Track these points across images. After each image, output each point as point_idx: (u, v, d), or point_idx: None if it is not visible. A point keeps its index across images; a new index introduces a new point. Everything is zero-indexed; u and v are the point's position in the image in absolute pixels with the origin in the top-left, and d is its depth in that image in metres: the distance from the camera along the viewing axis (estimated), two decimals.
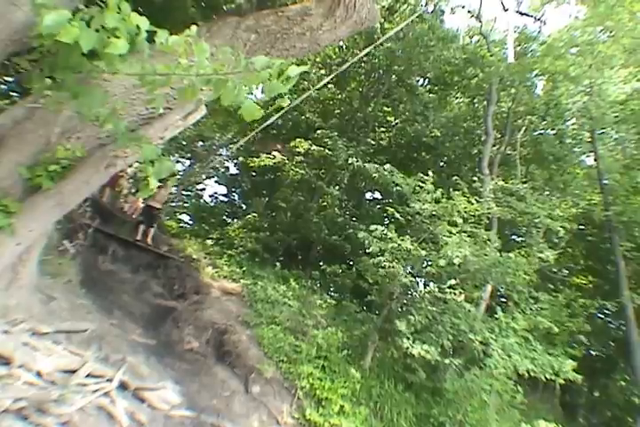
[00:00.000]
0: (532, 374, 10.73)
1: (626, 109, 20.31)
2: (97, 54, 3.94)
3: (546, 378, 10.97)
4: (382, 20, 18.62)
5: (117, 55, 3.87)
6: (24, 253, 6.47)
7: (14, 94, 12.50)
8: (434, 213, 12.22)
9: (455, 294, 11.27)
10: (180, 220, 26.09)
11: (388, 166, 13.52)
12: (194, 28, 4.00)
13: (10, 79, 12.54)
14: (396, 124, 24.15)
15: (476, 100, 24.10)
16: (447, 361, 10.47)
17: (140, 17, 3.83)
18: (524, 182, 16.18)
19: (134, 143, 5.36)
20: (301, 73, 3.87)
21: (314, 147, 18.79)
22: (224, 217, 24.85)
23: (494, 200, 14.50)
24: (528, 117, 21.92)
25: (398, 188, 13.11)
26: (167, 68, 4.01)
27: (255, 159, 20.57)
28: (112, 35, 3.73)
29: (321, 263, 16.42)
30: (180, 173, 26.30)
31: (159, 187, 8.40)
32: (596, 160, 21.17)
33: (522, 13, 22.53)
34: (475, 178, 15.69)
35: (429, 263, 12.05)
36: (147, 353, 8.55)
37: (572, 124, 22.76)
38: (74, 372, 5.85)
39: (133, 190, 16.13)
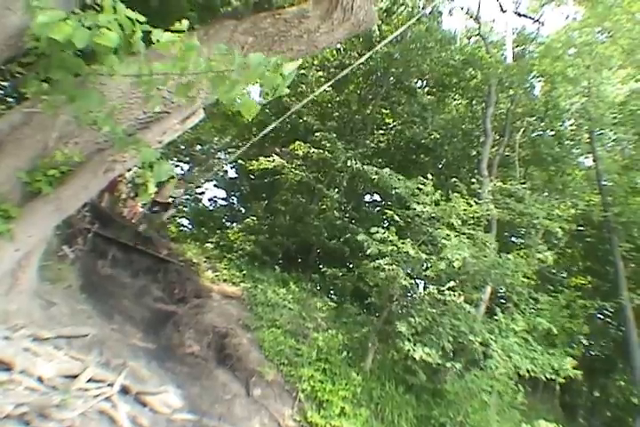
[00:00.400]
0: (533, 374, 10.74)
1: (624, 110, 20.34)
2: (94, 57, 3.94)
3: (546, 378, 10.98)
4: (380, 22, 18.62)
5: (114, 55, 3.87)
6: (23, 258, 6.47)
7: (10, 100, 12.48)
8: (433, 215, 12.22)
9: (455, 295, 11.25)
10: (179, 224, 26.05)
11: (386, 170, 13.51)
12: (184, 22, 3.95)
13: (5, 84, 12.52)
14: (395, 126, 24.14)
15: (474, 102, 24.09)
16: (449, 364, 10.46)
17: (135, 13, 3.82)
18: (523, 184, 16.19)
19: (132, 147, 5.36)
20: (299, 76, 3.89)
21: (313, 149, 18.78)
22: (223, 221, 24.81)
23: (493, 202, 14.50)
24: (527, 119, 21.94)
25: (397, 190, 13.09)
26: (164, 67, 4.00)
27: (254, 163, 20.52)
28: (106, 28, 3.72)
29: (321, 266, 16.39)
30: (179, 177, 26.28)
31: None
32: (594, 161, 21.20)
33: (520, 15, 22.59)
34: (474, 180, 15.71)
35: (429, 266, 12.03)
36: (148, 357, 8.55)
37: (571, 125, 22.79)
38: (75, 377, 5.85)
39: (132, 195, 16.12)
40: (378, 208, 23.19)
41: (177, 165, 26.33)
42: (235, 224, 23.12)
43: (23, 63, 5.04)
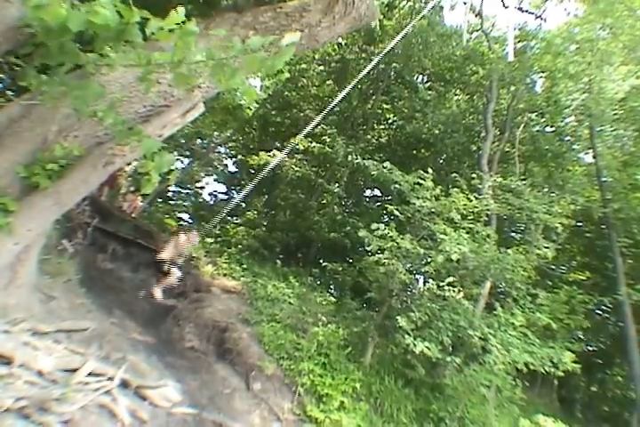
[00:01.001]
0: (532, 367, 10.76)
1: (625, 107, 20.34)
2: (91, 45, 3.90)
3: (545, 372, 11.00)
4: (381, 16, 18.55)
5: (110, 42, 3.82)
6: (23, 252, 6.45)
7: (9, 92, 12.43)
8: (433, 210, 12.19)
9: (454, 291, 11.26)
10: (179, 218, 26.07)
11: (387, 164, 13.46)
12: (181, 10, 3.86)
13: (4, 77, 12.47)
14: (395, 121, 24.10)
15: (475, 97, 24.04)
16: (448, 359, 10.47)
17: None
18: (523, 179, 16.17)
19: (133, 138, 5.33)
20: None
21: (313, 144, 18.75)
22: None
23: (493, 197, 14.49)
24: (527, 115, 21.90)
25: (397, 185, 13.06)
26: (164, 56, 3.95)
27: (254, 157, 20.50)
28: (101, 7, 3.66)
29: (321, 261, 16.40)
30: (179, 171, 26.28)
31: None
32: (594, 157, 21.21)
33: (522, 10, 22.46)
34: (474, 175, 15.69)
35: (428, 260, 12.02)
36: (147, 351, 8.55)
37: (572, 121, 22.74)
38: (75, 371, 5.84)
39: (132, 189, 16.12)
40: (378, 203, 23.20)
41: (177, 159, 26.33)
42: (235, 219, 23.15)
43: (22, 54, 4.99)
